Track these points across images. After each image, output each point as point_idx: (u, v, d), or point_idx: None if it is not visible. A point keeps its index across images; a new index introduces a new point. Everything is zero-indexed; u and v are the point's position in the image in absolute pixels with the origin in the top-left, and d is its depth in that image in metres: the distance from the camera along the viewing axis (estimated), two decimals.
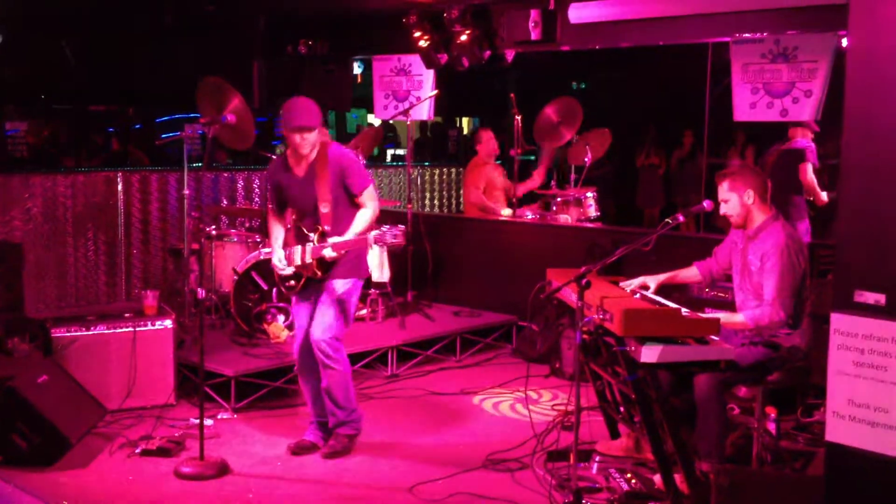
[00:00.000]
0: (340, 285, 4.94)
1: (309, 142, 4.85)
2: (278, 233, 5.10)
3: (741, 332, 4.54)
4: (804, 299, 4.47)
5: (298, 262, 4.91)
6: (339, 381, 4.98)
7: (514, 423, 5.62)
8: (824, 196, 7.62)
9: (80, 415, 5.17)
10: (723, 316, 4.43)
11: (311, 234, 4.89)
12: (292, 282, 5.02)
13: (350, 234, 4.81)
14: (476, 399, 6.06)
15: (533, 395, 6.16)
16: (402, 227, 4.48)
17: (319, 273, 4.88)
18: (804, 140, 7.64)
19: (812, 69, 6.27)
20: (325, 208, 4.86)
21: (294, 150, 4.89)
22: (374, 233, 4.80)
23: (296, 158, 4.96)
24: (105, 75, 13.87)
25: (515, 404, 5.96)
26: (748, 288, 4.55)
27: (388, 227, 7.02)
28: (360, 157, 7.16)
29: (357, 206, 4.95)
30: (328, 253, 4.73)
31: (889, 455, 3.20)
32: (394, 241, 4.51)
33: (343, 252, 4.77)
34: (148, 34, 10.98)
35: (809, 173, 7.51)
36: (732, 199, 4.55)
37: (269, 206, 5.26)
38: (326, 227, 4.85)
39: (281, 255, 4.99)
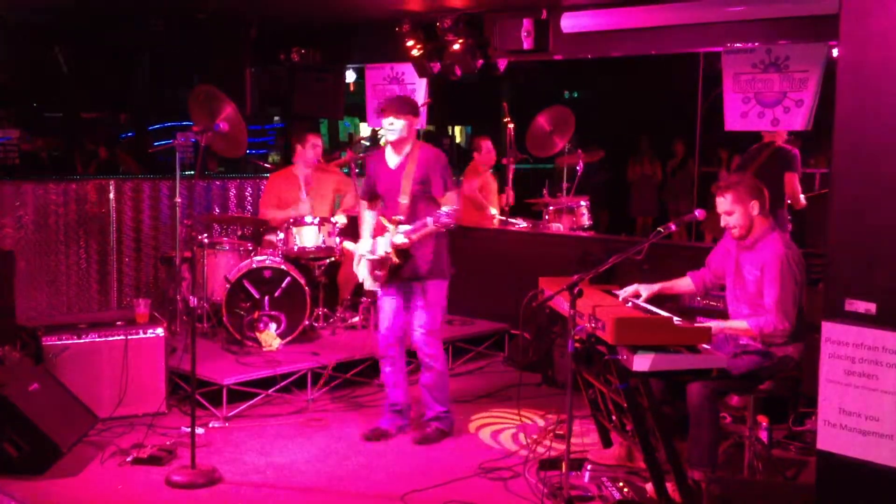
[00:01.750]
0: (427, 287, 5.19)
1: (393, 130, 5.14)
2: (367, 222, 5.37)
3: (733, 340, 4.55)
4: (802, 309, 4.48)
5: (381, 252, 5.15)
6: (437, 380, 5.35)
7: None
8: (802, 199, 7.53)
9: (71, 423, 5.14)
10: (726, 323, 4.45)
11: (389, 225, 5.11)
12: (378, 272, 5.23)
13: (417, 224, 5.00)
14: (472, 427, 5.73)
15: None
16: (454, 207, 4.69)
17: (397, 260, 5.11)
18: (789, 145, 7.51)
19: (803, 79, 6.29)
20: (403, 199, 5.11)
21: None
22: (430, 218, 4.89)
23: (392, 152, 5.26)
24: (98, 82, 13.85)
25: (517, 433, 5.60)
26: (741, 296, 4.56)
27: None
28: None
29: (439, 206, 5.11)
30: (398, 239, 4.99)
31: (880, 463, 3.21)
32: (447, 220, 4.72)
33: (414, 238, 4.99)
34: (141, 42, 10.98)
35: (796, 183, 7.42)
36: (737, 212, 4.50)
37: (362, 197, 5.51)
38: (400, 217, 5.07)
39: (370, 245, 5.25)
